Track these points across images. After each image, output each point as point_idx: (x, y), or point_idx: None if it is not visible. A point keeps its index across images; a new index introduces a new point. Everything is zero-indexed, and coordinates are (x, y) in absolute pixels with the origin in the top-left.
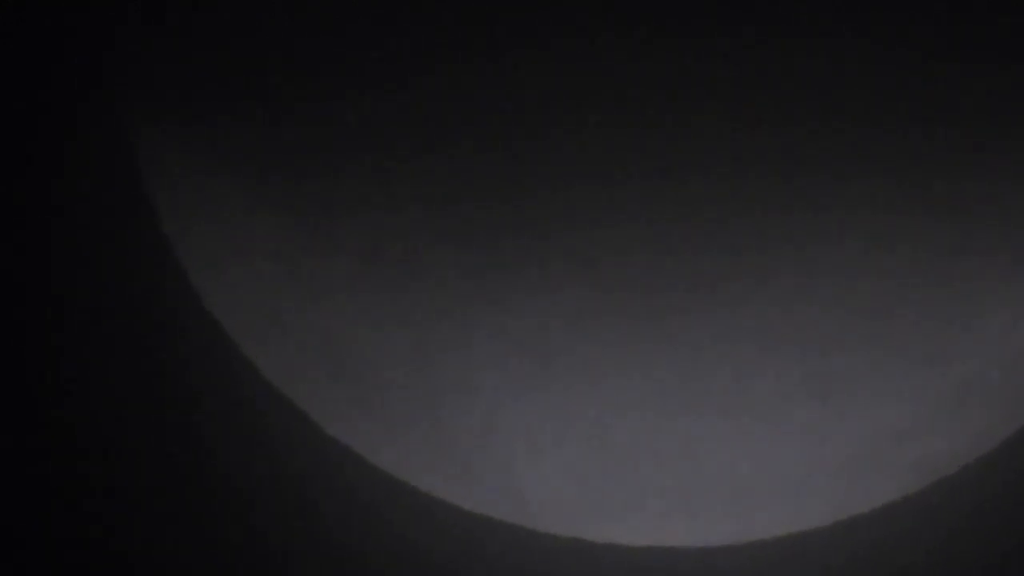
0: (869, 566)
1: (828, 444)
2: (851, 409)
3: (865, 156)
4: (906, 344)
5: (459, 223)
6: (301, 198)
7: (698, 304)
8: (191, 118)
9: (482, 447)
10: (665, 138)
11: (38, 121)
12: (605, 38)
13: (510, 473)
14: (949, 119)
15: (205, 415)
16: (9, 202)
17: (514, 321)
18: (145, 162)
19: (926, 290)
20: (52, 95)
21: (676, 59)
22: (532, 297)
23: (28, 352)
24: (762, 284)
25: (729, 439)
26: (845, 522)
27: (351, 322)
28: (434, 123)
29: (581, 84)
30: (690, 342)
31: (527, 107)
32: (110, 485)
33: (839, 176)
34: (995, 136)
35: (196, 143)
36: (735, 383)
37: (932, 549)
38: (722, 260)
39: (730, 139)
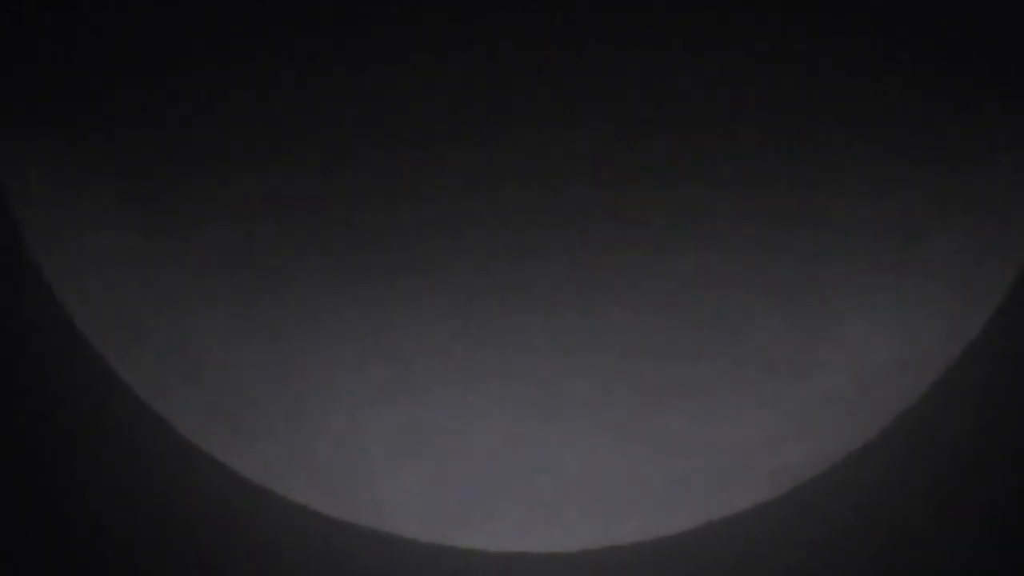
0: (727, 572)
1: (687, 452)
2: (711, 418)
3: (728, 165)
4: (767, 354)
5: (320, 232)
6: (161, 209)
7: (561, 311)
8: (50, 130)
9: (343, 453)
10: (527, 145)
11: None
12: (468, 47)
13: (371, 478)
14: (811, 127)
15: (67, 424)
16: None
17: (374, 328)
18: (5, 174)
19: (787, 300)
20: None
21: (543, 68)
22: (393, 304)
23: None
24: (625, 292)
25: (590, 446)
26: (703, 528)
27: (212, 331)
28: (294, 134)
29: (442, 93)
30: (552, 349)
31: (387, 117)
32: None
33: (703, 185)
34: (856, 145)
35: (56, 155)
36: (597, 390)
37: (788, 556)
38: (585, 268)
39: (590, 147)
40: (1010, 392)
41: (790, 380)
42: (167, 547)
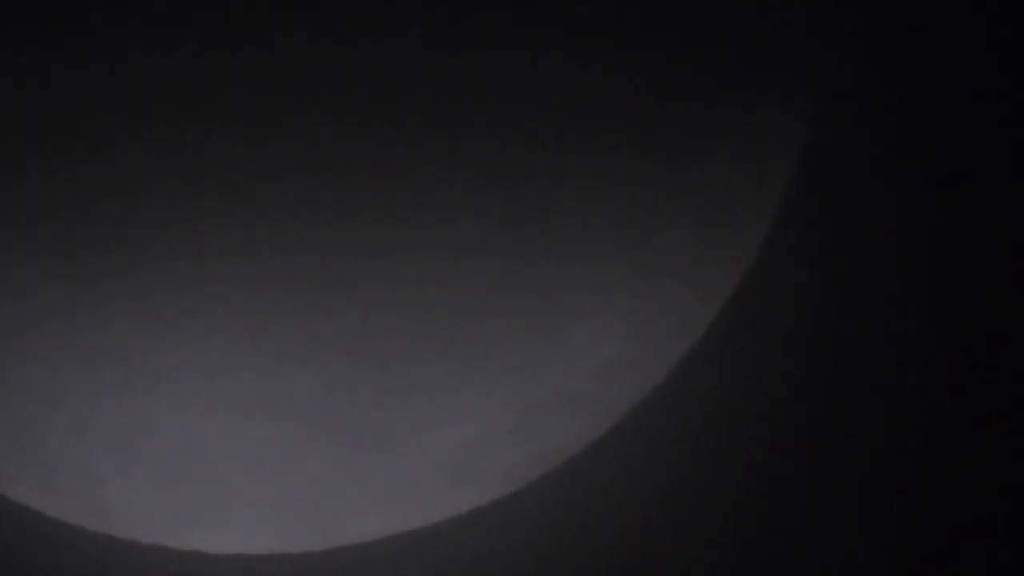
0: (456, 571)
1: (414, 452)
2: (436, 417)
3: (451, 162)
4: (492, 352)
5: (47, 233)
6: None
7: (283, 310)
8: None
9: (67, 454)
10: (258, 142)
11: None
12: (204, 37)
13: (96, 479)
14: (534, 123)
15: None
16: None
17: (100, 328)
18: None
19: (512, 298)
20: None
21: (271, 63)
22: (118, 304)
23: None
24: (347, 291)
25: (317, 446)
26: (429, 529)
27: None
28: (20, 132)
29: (175, 89)
30: (274, 348)
31: (114, 115)
32: None
33: (425, 182)
34: (584, 142)
35: None
36: (322, 390)
37: (517, 554)
38: (306, 267)
39: (315, 143)
40: (738, 389)
41: (517, 378)
42: None
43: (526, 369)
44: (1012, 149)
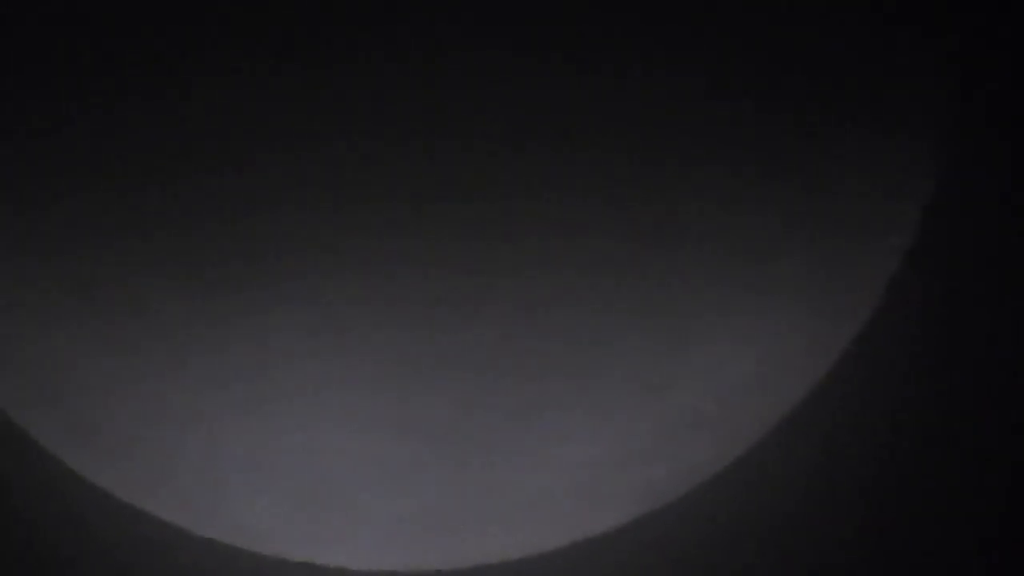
0: None
1: (547, 471)
2: (567, 436)
3: (584, 180)
4: (624, 372)
5: (173, 248)
6: (14, 232)
7: (414, 327)
8: None
9: (205, 470)
10: (384, 157)
11: None
12: (310, 52)
13: (235, 495)
14: (665, 145)
15: None
16: None
17: (233, 345)
18: None
19: (644, 317)
20: None
21: (400, 78)
22: (250, 320)
23: None
24: (480, 309)
25: (451, 464)
26: (566, 549)
27: (71, 350)
28: (144, 149)
29: (291, 101)
30: (410, 365)
31: (232, 132)
32: None
33: (558, 201)
34: (708, 161)
35: None
36: (455, 407)
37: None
38: (437, 284)
39: (448, 160)
40: (873, 410)
41: (649, 398)
42: (31, 563)
43: (656, 389)
44: None
